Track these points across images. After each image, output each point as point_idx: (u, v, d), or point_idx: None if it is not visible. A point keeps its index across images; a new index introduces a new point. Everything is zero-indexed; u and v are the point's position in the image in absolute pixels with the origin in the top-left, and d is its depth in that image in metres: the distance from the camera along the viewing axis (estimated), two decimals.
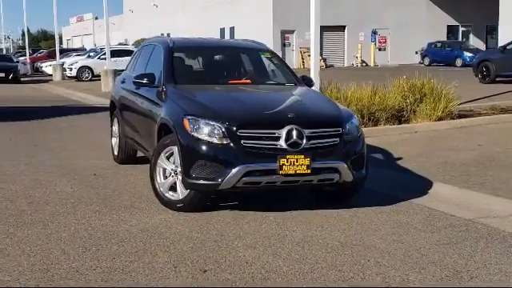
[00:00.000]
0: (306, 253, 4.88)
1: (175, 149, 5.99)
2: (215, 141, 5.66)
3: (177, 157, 5.97)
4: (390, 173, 8.14)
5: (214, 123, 5.69)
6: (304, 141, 5.69)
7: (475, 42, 43.96)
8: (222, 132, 5.65)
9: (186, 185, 5.78)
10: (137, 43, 44.01)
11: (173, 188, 6.11)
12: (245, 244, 5.08)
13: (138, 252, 4.86)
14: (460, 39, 43.82)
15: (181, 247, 4.99)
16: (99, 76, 31.06)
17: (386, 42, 41.82)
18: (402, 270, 4.51)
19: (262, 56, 7.72)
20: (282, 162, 5.60)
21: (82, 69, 32.13)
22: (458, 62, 36.38)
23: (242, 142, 5.62)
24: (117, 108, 8.43)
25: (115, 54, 28.71)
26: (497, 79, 22.74)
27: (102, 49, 36.69)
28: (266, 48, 7.91)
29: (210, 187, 5.71)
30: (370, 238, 5.26)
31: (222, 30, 42.97)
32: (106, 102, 18.54)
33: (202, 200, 5.99)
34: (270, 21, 38.55)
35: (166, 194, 6.13)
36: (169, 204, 6.10)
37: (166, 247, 4.98)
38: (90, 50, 40.65)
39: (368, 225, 5.69)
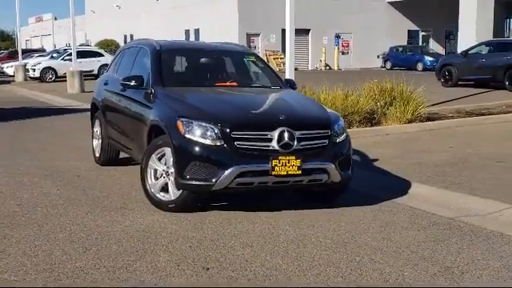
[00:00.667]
0: (301, 251, 5.03)
1: (167, 150, 6.08)
2: (209, 142, 5.77)
3: (169, 158, 6.07)
4: (369, 174, 8.35)
5: (207, 125, 5.80)
6: (295, 142, 5.85)
7: (435, 46, 44.98)
8: (216, 134, 5.76)
9: (179, 185, 5.88)
10: (99, 44, 43.67)
11: (164, 189, 6.20)
12: (241, 243, 5.21)
13: (138, 251, 4.94)
14: (420, 44, 44.72)
15: (179, 246, 5.09)
16: (63, 77, 30.77)
17: (348, 46, 42.43)
18: (396, 266, 4.70)
19: (247, 59, 7.87)
20: (274, 163, 5.75)
21: (45, 70, 31.67)
22: (419, 66, 37.15)
23: (236, 143, 5.75)
24: (99, 110, 8.46)
25: (80, 55, 28.40)
26: (459, 83, 23.36)
27: (65, 50, 36.31)
28: (250, 51, 8.07)
29: (203, 188, 5.82)
30: (361, 237, 5.45)
31: (187, 32, 42.91)
32: (74, 104, 18.81)
33: (194, 201, 6.09)
34: (235, 23, 38.70)
35: (157, 195, 6.21)
36: (160, 205, 6.19)
37: (164, 246, 5.08)
38: (53, 51, 40.07)
39: (356, 223, 5.88)
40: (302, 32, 39.80)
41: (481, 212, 6.39)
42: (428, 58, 37.45)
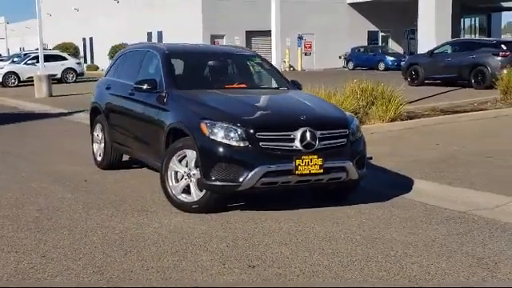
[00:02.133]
0: (336, 247, 5.18)
1: (189, 152, 6.17)
2: (234, 143, 5.87)
3: (190, 160, 6.16)
4: (369, 171, 8.52)
5: (232, 126, 5.90)
6: (317, 142, 6.01)
7: (394, 46, 45.82)
8: (241, 135, 5.87)
9: (205, 186, 5.97)
10: (58, 48, 42.99)
11: (185, 190, 6.28)
12: (275, 241, 5.33)
13: (179, 252, 5.02)
14: (380, 44, 45.51)
15: (216, 246, 5.18)
16: (25, 82, 30.32)
17: (311, 47, 42.86)
18: (431, 259, 4.89)
19: (253, 61, 7.99)
20: (297, 163, 5.90)
21: (8, 74, 31.04)
22: (381, 65, 37.82)
23: (260, 143, 5.87)
24: (101, 114, 8.43)
25: (44, 58, 27.81)
26: (425, 82, 23.94)
27: (25, 54, 35.61)
28: (255, 54, 8.19)
29: (230, 188, 5.92)
30: (387, 232, 5.63)
31: (150, 34, 42.66)
32: (47, 108, 18.52)
33: (218, 201, 6.18)
34: (199, 25, 38.67)
35: (179, 197, 6.29)
36: (182, 206, 6.26)
37: (202, 246, 5.16)
38: (14, 55, 39.28)
39: (377, 220, 6.06)
40: (264, 34, 40.12)
41: (488, 205, 6.64)
42: (389, 58, 38.19)
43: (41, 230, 5.60)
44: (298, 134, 5.94)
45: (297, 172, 5.91)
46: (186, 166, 6.24)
